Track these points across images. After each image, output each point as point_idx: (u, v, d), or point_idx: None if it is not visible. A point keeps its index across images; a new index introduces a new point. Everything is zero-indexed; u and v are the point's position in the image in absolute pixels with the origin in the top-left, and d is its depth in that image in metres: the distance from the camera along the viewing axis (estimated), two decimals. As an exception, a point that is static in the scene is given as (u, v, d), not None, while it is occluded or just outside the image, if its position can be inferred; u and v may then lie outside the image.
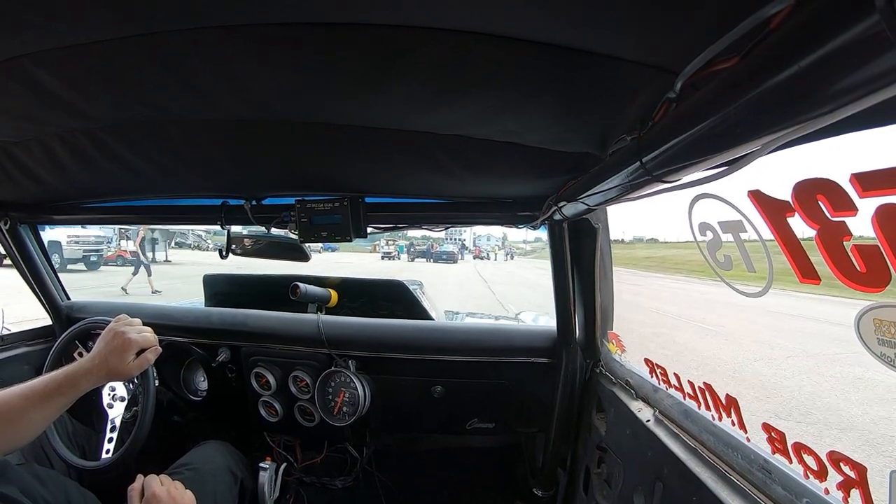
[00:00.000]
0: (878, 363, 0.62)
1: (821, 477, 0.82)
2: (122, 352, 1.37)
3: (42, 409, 1.24)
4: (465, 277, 25.33)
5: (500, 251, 62.94)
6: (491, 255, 59.60)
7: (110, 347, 1.37)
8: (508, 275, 29.26)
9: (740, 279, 0.77)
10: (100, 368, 1.33)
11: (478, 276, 26.61)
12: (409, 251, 45.71)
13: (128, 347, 1.38)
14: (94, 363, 1.34)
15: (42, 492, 1.24)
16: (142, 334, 1.42)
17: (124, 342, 1.38)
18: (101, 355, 1.36)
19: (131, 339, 1.39)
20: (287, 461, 2.28)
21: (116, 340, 1.38)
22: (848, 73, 0.42)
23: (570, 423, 1.96)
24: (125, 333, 1.39)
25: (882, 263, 0.51)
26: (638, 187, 0.93)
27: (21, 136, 1.33)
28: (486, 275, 28.03)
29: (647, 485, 1.29)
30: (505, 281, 23.98)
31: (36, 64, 0.91)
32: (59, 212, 1.99)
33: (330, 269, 3.16)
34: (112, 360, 1.35)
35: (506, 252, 62.95)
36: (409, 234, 37.75)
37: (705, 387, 1.17)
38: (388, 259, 42.38)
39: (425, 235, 44.86)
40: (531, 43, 0.79)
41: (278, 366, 2.11)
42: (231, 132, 1.27)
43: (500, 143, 1.24)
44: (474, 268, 36.69)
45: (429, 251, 44.04)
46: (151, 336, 1.45)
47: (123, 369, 1.37)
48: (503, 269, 38.50)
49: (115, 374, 1.37)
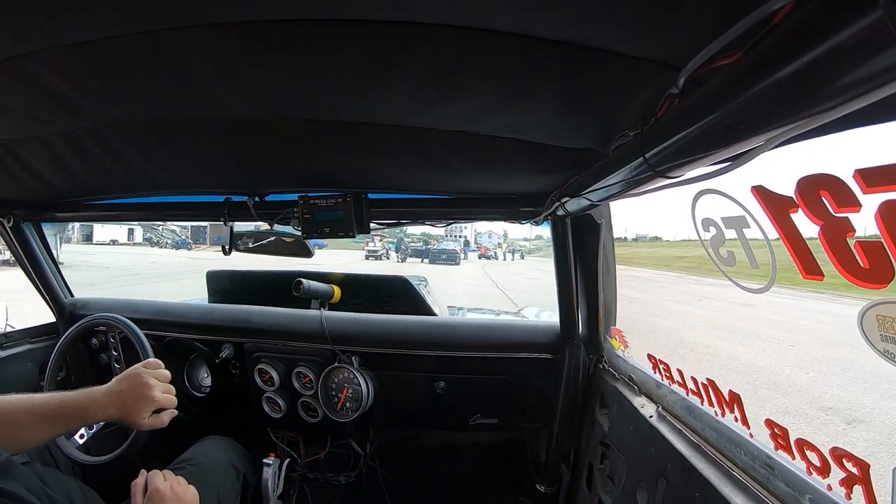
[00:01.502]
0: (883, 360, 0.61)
1: (823, 473, 0.81)
2: (141, 404, 1.29)
3: (44, 430, 1.21)
4: (474, 285, 19.93)
5: (507, 248, 53.23)
6: (499, 253, 50.37)
7: (132, 395, 1.29)
8: (532, 281, 21.14)
9: (747, 276, 0.77)
10: (114, 409, 1.27)
11: (489, 283, 21.08)
12: (399, 249, 38.29)
13: (149, 403, 1.30)
14: (109, 400, 1.28)
15: (45, 489, 1.25)
16: (165, 395, 1.33)
17: (148, 397, 1.30)
18: (119, 397, 1.29)
19: (155, 398, 1.30)
20: (290, 457, 2.29)
21: (140, 391, 1.30)
22: (851, 69, 0.42)
23: (574, 419, 1.96)
24: (152, 388, 1.31)
25: (885, 259, 0.51)
26: (641, 183, 0.92)
27: (24, 135, 1.33)
28: (503, 281, 21.51)
29: (650, 481, 1.29)
30: (533, 290, 17.78)
31: (38, 62, 0.92)
32: (63, 209, 2.01)
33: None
34: (128, 407, 1.28)
35: (512, 250, 52.71)
36: (406, 229, 25.32)
37: (708, 383, 1.17)
38: (374, 258, 34.61)
39: (424, 232, 35.53)
40: (533, 39, 0.79)
41: (282, 362, 2.11)
42: (233, 129, 1.27)
43: (502, 138, 1.24)
44: (483, 270, 30.03)
45: (425, 249, 38.12)
46: (174, 399, 1.36)
47: (136, 421, 1.29)
48: (518, 270, 30.98)
49: (126, 421, 1.30)
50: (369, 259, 33.83)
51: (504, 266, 37.29)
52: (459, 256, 36.25)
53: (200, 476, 1.54)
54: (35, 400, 1.21)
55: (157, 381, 1.33)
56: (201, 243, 34.29)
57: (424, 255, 36.79)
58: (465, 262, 37.81)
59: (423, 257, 36.46)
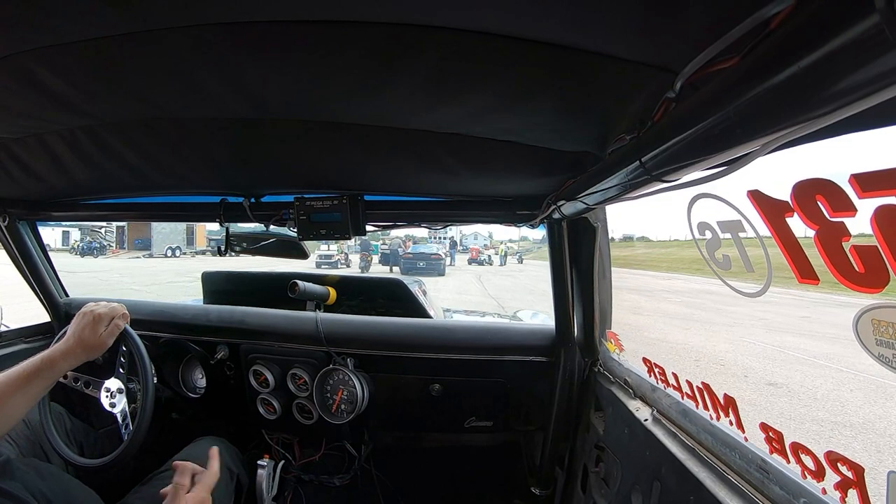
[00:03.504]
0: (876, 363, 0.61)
1: (818, 477, 0.82)
2: (92, 326, 1.46)
3: (23, 394, 1.29)
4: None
5: (503, 250, 37.95)
6: (493, 257, 36.71)
7: (81, 325, 1.46)
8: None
9: (742, 278, 0.76)
10: (75, 346, 1.41)
11: (496, 306, 13.54)
12: (361, 251, 26.00)
13: (98, 320, 1.48)
14: (68, 343, 1.42)
15: (43, 488, 1.25)
16: (109, 306, 1.52)
17: (94, 317, 1.48)
18: (73, 334, 1.44)
19: (99, 313, 1.49)
20: (285, 459, 2.28)
21: (86, 318, 1.48)
22: (848, 74, 0.42)
23: (569, 422, 1.96)
24: (94, 309, 1.50)
25: (881, 264, 0.51)
26: (637, 186, 0.93)
27: (20, 133, 1.33)
28: (514, 301, 14.64)
29: (645, 484, 1.29)
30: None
31: (35, 61, 0.91)
32: (59, 209, 1.99)
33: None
34: (85, 335, 1.44)
35: (506, 252, 37.92)
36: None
37: (703, 386, 1.17)
38: (328, 266, 24.84)
39: (408, 235, 30.08)
40: (530, 42, 0.79)
41: (277, 363, 2.11)
42: (230, 130, 1.27)
43: (499, 141, 1.24)
44: (481, 284, 20.81)
45: (394, 254, 26.31)
46: (118, 305, 1.56)
47: (97, 341, 1.46)
48: (531, 283, 21.12)
49: (91, 348, 1.45)
50: (321, 268, 23.49)
51: (508, 277, 25.23)
52: (444, 263, 24.97)
53: None
54: (4, 373, 1.30)
55: (96, 304, 1.54)
56: (120, 248, 32.10)
57: (394, 262, 25.83)
58: (453, 270, 27.58)
59: (393, 264, 25.74)
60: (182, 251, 31.36)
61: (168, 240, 30.91)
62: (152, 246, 30.18)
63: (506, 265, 34.81)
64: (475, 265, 33.88)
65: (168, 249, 30.41)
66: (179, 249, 31.17)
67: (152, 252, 29.92)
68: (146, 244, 30.51)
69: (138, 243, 30.04)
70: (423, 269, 23.38)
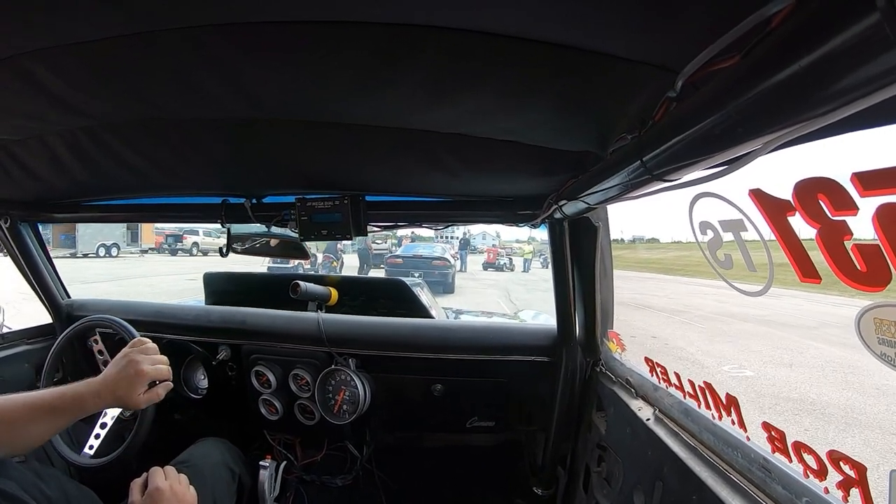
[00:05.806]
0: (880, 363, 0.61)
1: (820, 476, 0.82)
2: (132, 382, 1.29)
3: (45, 423, 1.20)
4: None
5: (530, 252, 29.43)
6: (515, 261, 28.54)
7: (122, 375, 1.29)
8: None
9: (743, 278, 0.76)
10: (108, 393, 1.27)
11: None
12: (325, 253, 17.07)
13: (140, 379, 1.30)
14: (103, 386, 1.27)
15: (41, 488, 1.24)
16: (156, 366, 1.33)
17: (137, 373, 1.30)
18: (111, 380, 1.29)
19: (144, 371, 1.30)
20: (287, 459, 2.28)
21: (129, 369, 1.30)
22: (849, 73, 0.42)
23: (570, 422, 1.96)
24: (139, 364, 1.31)
25: (882, 263, 0.51)
26: (638, 186, 0.92)
27: (21, 135, 1.33)
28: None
29: (647, 483, 1.29)
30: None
31: (36, 62, 0.91)
32: (60, 210, 2.00)
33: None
34: (121, 388, 1.28)
35: (528, 256, 28.82)
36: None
37: (705, 385, 1.17)
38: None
39: (416, 235, 24.71)
40: (531, 41, 0.79)
41: (278, 364, 2.11)
42: (231, 131, 1.27)
43: (500, 141, 1.24)
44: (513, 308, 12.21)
45: (363, 252, 18.93)
46: (165, 369, 1.36)
47: (131, 400, 1.30)
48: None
49: (122, 403, 1.30)
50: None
51: (538, 290, 17.33)
52: (452, 273, 16.97)
53: (196, 478, 1.53)
54: (33, 396, 1.21)
55: (145, 355, 1.34)
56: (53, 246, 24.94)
57: (375, 265, 19.27)
58: (466, 280, 20.22)
59: (374, 268, 18.95)
60: (119, 249, 25.39)
61: (101, 235, 24.70)
62: (77, 243, 23.50)
63: (527, 270, 27.52)
64: (492, 271, 26.43)
65: (101, 247, 24.49)
66: (116, 247, 25.32)
67: (77, 250, 23.38)
68: (71, 241, 23.70)
69: (63, 239, 22.88)
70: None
